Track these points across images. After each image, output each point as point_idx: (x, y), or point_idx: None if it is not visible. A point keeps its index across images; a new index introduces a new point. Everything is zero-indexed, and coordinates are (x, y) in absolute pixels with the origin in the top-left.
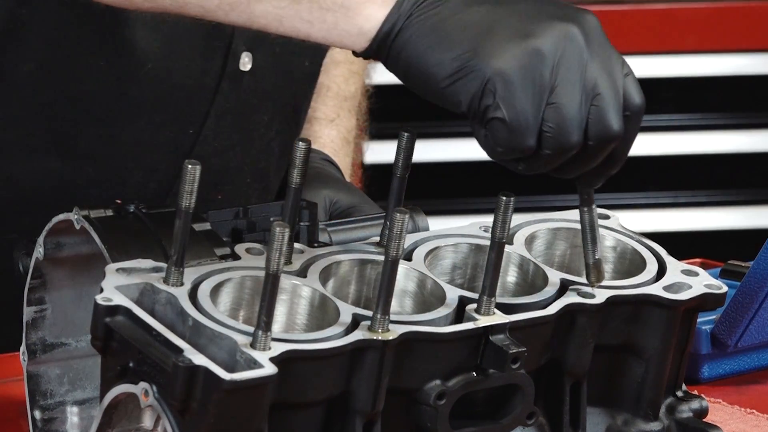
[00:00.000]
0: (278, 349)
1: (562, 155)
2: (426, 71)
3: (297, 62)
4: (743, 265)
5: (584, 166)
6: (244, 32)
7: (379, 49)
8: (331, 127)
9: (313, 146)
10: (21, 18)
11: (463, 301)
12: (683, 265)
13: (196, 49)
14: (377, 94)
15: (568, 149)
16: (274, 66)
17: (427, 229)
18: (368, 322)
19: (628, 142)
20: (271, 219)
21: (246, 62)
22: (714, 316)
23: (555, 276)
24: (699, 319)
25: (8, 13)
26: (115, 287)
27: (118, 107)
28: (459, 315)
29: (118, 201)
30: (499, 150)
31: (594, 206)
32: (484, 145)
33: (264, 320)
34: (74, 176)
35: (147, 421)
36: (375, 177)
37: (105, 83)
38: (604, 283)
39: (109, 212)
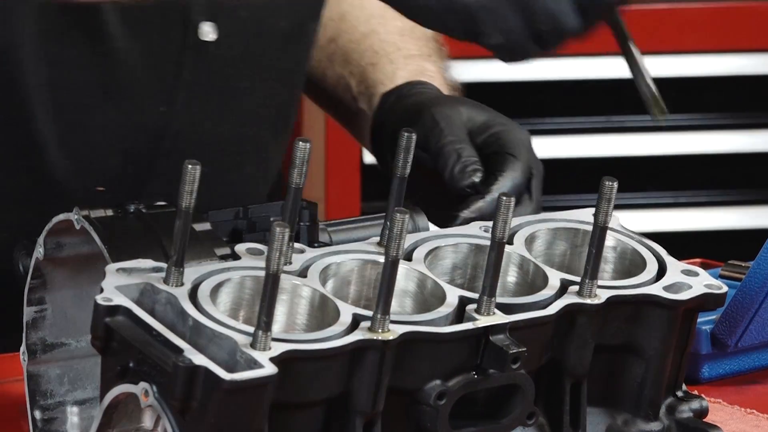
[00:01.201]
0: (278, 349)
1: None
2: None
3: (270, 23)
4: (743, 265)
5: None
6: (201, 2)
7: None
8: (430, 63)
9: (422, 79)
10: None
11: (463, 301)
12: (683, 265)
13: (153, 25)
14: None
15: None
16: (243, 32)
17: (427, 229)
18: (368, 322)
19: None
20: (271, 219)
21: (208, 32)
22: (714, 316)
23: (555, 276)
24: (699, 319)
25: None
26: (115, 287)
27: (83, 94)
28: (459, 315)
29: (101, 188)
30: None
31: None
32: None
33: (264, 320)
34: (53, 169)
35: (147, 421)
36: (375, 177)
37: (65, 71)
38: (604, 283)
39: (109, 212)
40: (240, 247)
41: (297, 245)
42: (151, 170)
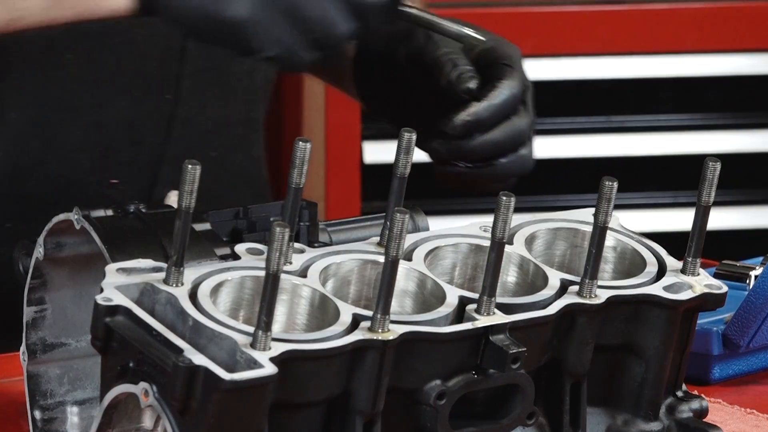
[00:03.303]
0: (278, 349)
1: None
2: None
3: None
4: (737, 264)
5: None
6: None
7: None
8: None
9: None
10: None
11: (463, 301)
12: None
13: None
14: None
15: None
16: None
17: (427, 229)
18: (368, 322)
19: None
20: (271, 219)
21: None
22: (724, 316)
23: (555, 276)
24: (709, 320)
25: None
26: (115, 287)
27: (93, 92)
28: (459, 315)
29: (115, 181)
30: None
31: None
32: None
33: (264, 320)
34: (69, 168)
35: (147, 421)
36: (375, 177)
37: (72, 72)
38: (604, 283)
39: (109, 212)
40: (240, 247)
41: (297, 245)
42: (162, 158)
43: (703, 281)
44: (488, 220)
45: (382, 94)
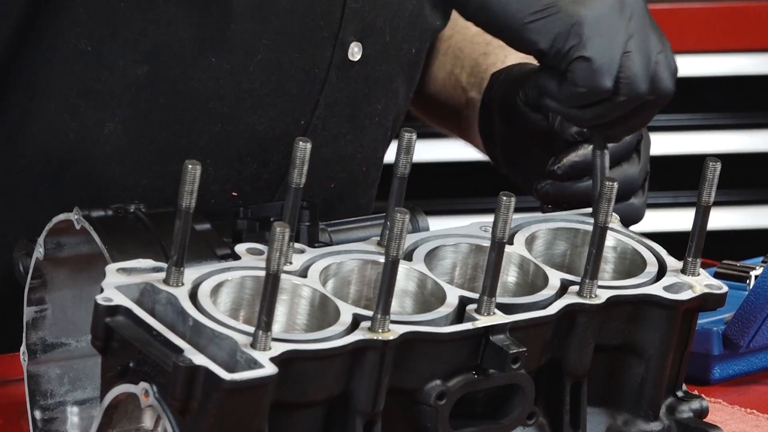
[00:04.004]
0: (278, 349)
1: (633, 103)
2: (507, 6)
3: (405, 50)
4: (737, 264)
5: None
6: (353, 21)
7: None
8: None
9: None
10: (127, 20)
11: (463, 301)
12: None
13: (305, 40)
14: None
15: (639, 97)
16: (384, 55)
17: (427, 229)
18: (368, 322)
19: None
20: (272, 219)
21: (356, 52)
22: (724, 316)
23: (555, 276)
24: (710, 320)
25: (119, 13)
26: (116, 287)
27: (233, 102)
28: (459, 315)
29: (234, 193)
30: (580, 91)
31: (606, 151)
32: (563, 93)
33: (264, 320)
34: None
35: (147, 421)
36: None
37: (217, 79)
38: (604, 283)
39: (109, 212)
40: (240, 247)
41: (297, 245)
42: (282, 181)
43: (703, 281)
44: (488, 220)
45: (500, 139)
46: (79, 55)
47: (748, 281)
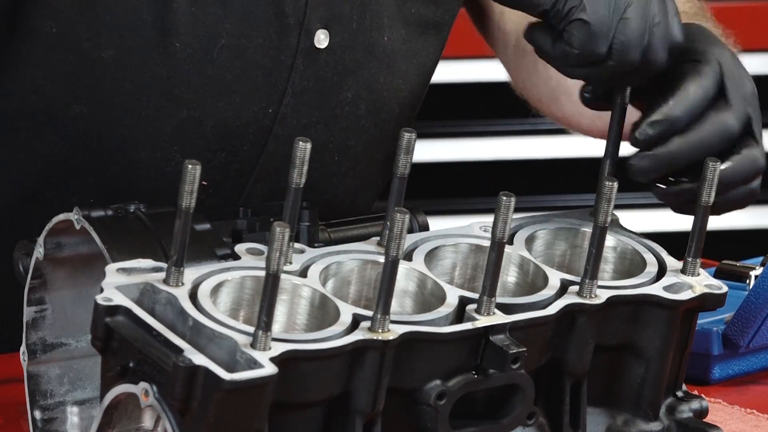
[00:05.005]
0: (278, 349)
1: (622, 69)
2: None
3: (375, 38)
4: (737, 265)
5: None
6: (319, 8)
7: None
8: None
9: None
10: (92, 2)
11: (463, 301)
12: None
13: (269, 27)
14: None
15: (629, 65)
16: (352, 42)
17: (427, 229)
18: (368, 322)
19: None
20: (271, 219)
21: (322, 39)
22: (724, 316)
23: (555, 276)
24: (709, 320)
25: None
26: (116, 287)
27: (198, 89)
28: (459, 315)
29: (204, 183)
30: (574, 52)
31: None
32: (556, 50)
33: (264, 320)
34: (164, 164)
35: (147, 421)
36: None
37: (181, 64)
38: (604, 283)
39: (109, 212)
40: (240, 247)
41: (297, 245)
42: (253, 171)
43: (703, 281)
44: (488, 220)
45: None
46: (45, 36)
47: (747, 281)
